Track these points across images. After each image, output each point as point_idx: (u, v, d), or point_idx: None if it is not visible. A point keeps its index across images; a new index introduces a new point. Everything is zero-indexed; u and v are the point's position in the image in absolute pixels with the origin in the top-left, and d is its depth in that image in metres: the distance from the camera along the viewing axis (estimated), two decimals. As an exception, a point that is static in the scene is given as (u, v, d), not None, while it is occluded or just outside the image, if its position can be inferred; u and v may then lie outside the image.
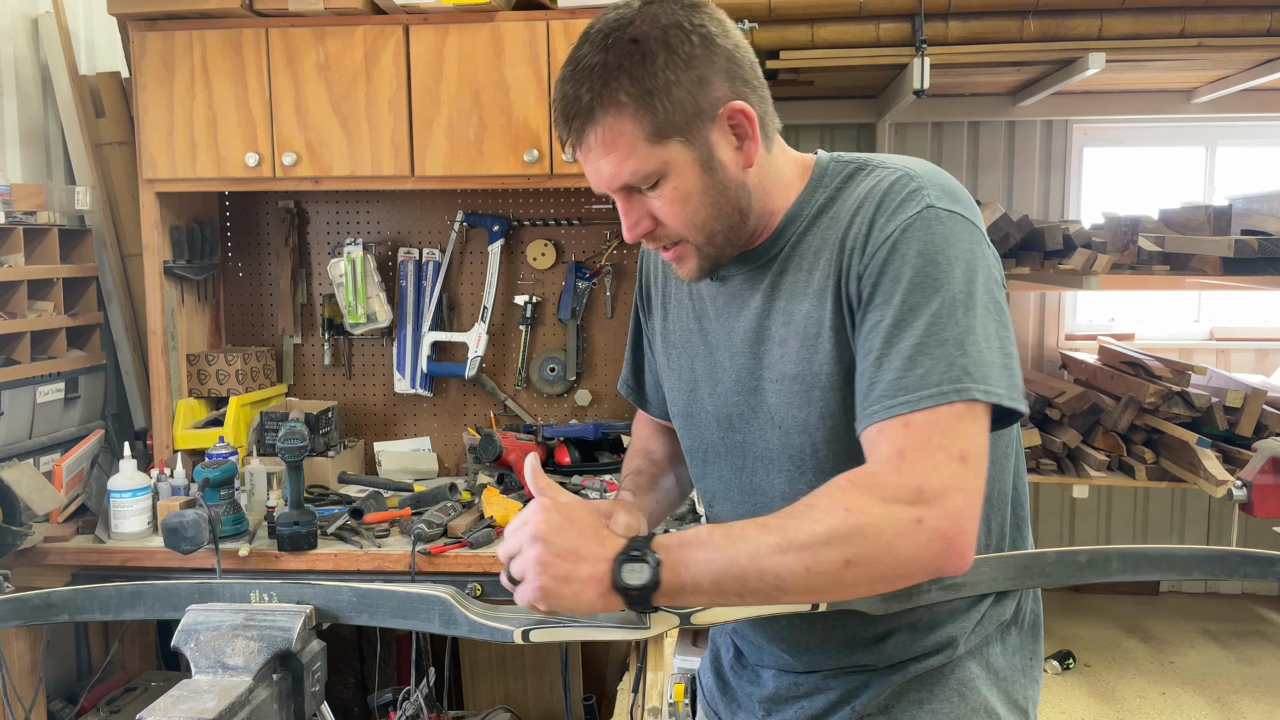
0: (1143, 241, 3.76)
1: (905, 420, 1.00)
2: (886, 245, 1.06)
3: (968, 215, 1.09)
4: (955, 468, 0.98)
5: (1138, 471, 3.62)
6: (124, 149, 2.87)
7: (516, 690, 3.08)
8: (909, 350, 1.02)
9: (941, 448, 0.98)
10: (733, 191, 1.13)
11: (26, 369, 2.51)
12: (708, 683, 1.44)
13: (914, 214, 1.06)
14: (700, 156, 1.10)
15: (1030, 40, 3.47)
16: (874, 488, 0.99)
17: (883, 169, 1.14)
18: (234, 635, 1.13)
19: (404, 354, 3.01)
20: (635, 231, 1.15)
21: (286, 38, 2.55)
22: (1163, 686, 3.78)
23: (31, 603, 1.26)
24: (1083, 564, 1.14)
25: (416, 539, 2.31)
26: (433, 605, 1.15)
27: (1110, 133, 4.73)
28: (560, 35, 2.50)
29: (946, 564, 0.98)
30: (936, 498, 0.97)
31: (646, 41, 1.06)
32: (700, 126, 1.09)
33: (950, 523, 0.97)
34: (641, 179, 1.10)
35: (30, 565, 2.37)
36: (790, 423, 1.16)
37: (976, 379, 1.00)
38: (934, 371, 1.00)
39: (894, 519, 0.97)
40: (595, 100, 1.06)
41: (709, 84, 1.08)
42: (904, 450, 0.99)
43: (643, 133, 1.07)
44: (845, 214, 1.13)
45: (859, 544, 0.97)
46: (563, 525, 1.05)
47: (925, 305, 1.03)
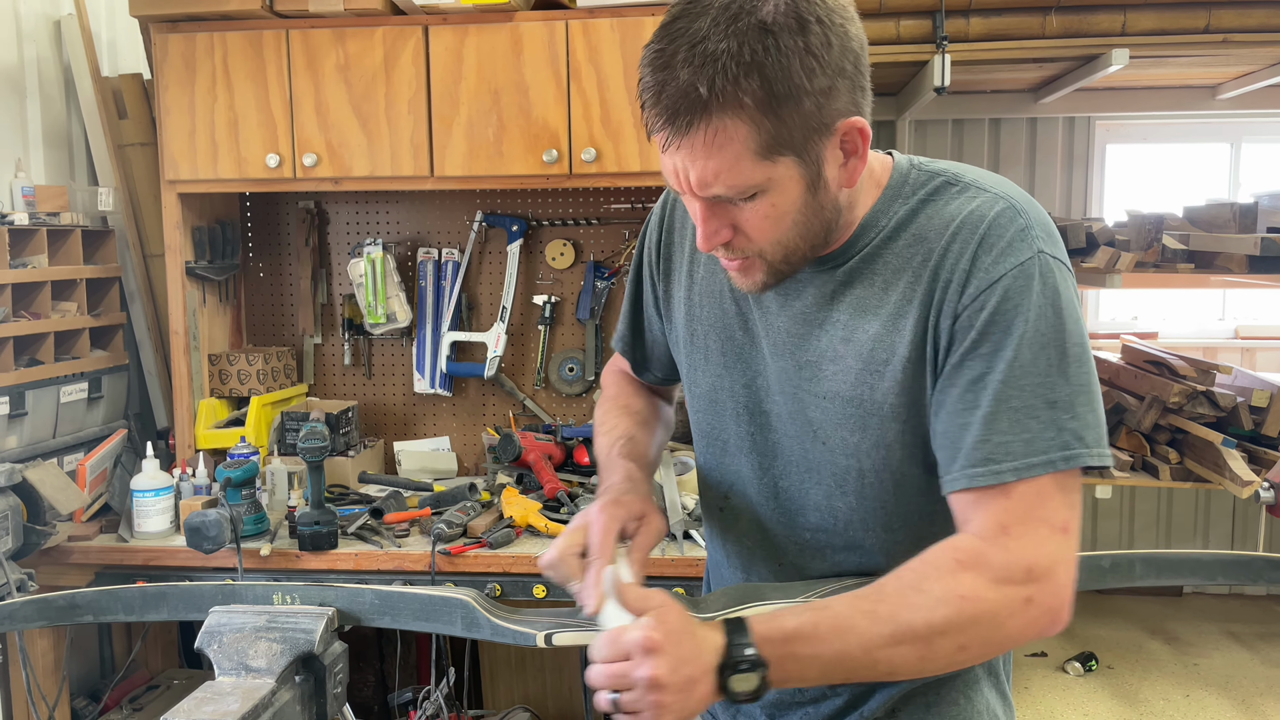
0: (1167, 239, 3.73)
1: (1008, 490, 0.97)
2: (996, 291, 0.99)
3: (1067, 263, 1.04)
4: (1059, 541, 0.97)
5: (1161, 472, 3.59)
6: (146, 150, 2.89)
7: (535, 690, 3.08)
8: (1019, 412, 0.97)
9: (1045, 521, 0.97)
10: (828, 212, 1.04)
11: (50, 369, 2.53)
12: None
13: (1025, 260, 1.00)
14: (808, 175, 0.99)
15: (1052, 36, 3.44)
16: (984, 568, 0.96)
17: (979, 192, 1.06)
18: (257, 637, 1.14)
19: (423, 354, 3.01)
20: (713, 241, 1.04)
21: (307, 39, 2.56)
22: (1186, 689, 3.75)
23: (57, 603, 1.26)
24: (1105, 569, 1.13)
25: (436, 539, 2.32)
26: (455, 608, 1.15)
27: (1133, 129, 4.68)
28: (579, 35, 2.50)
29: (1050, 632, 0.99)
30: (1045, 575, 0.96)
31: (781, 33, 0.92)
32: (817, 143, 0.98)
33: (1057, 598, 0.97)
34: (738, 192, 0.98)
35: (54, 564, 2.39)
36: (837, 442, 1.11)
37: (1089, 443, 0.98)
38: (1041, 437, 0.97)
39: (1007, 602, 0.96)
40: (715, 95, 0.92)
41: (835, 94, 0.97)
42: (1008, 525, 0.97)
43: (755, 144, 0.95)
44: (936, 237, 1.04)
45: (974, 631, 0.96)
46: (675, 660, 0.93)
47: (1036, 362, 0.98)
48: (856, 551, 1.17)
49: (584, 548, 1.10)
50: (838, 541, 1.17)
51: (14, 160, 2.69)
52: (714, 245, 1.04)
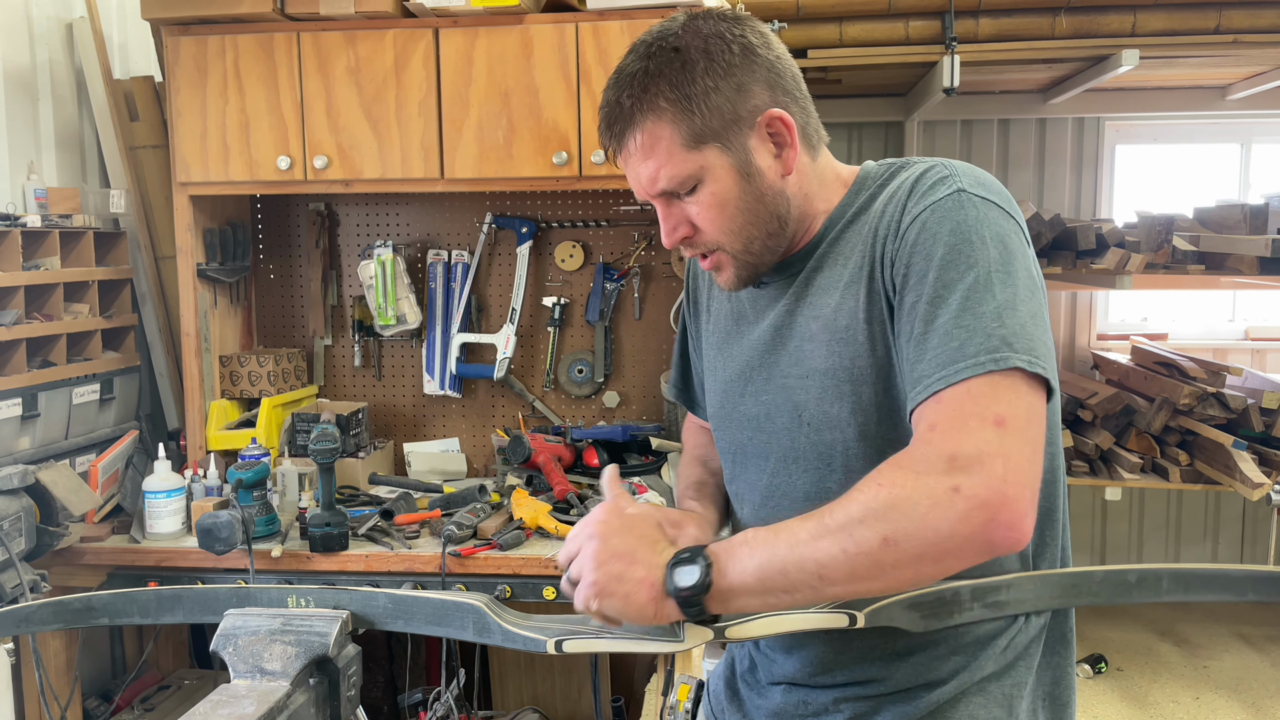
0: (1177, 240, 3.72)
1: (939, 397, 0.98)
2: (916, 225, 1.06)
3: (1002, 204, 1.07)
4: (990, 432, 0.93)
5: (1171, 474, 3.58)
6: (158, 152, 2.90)
7: (545, 691, 3.09)
8: (946, 325, 1.00)
9: (974, 414, 0.95)
10: (770, 199, 1.14)
11: (62, 370, 2.54)
12: (716, 689, 1.42)
13: (945, 195, 1.06)
14: (738, 163, 1.11)
15: (1062, 37, 3.44)
16: (907, 463, 0.97)
17: (919, 163, 1.15)
18: (272, 640, 1.14)
19: (433, 355, 3.02)
20: (673, 237, 1.16)
21: (318, 41, 2.57)
22: (1196, 691, 3.74)
23: (72, 606, 1.27)
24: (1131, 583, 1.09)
25: (447, 541, 2.32)
26: (467, 613, 1.15)
27: (1143, 130, 4.67)
28: (589, 37, 2.50)
29: (995, 535, 0.92)
30: (972, 464, 0.92)
31: (688, 50, 1.09)
32: (738, 133, 1.11)
33: (991, 490, 0.91)
34: (679, 184, 1.11)
35: (67, 565, 2.40)
36: (820, 419, 1.15)
37: (1019, 349, 0.97)
38: (970, 343, 0.98)
39: (927, 489, 0.93)
40: (635, 105, 1.09)
41: (748, 92, 1.10)
42: (935, 423, 0.97)
43: (680, 138, 1.09)
44: (880, 206, 1.13)
45: (893, 519, 0.93)
46: (622, 529, 1.08)
47: (959, 280, 1.01)
48: None
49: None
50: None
51: (26, 162, 2.70)
52: (675, 241, 1.16)
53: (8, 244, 2.41)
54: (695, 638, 1.09)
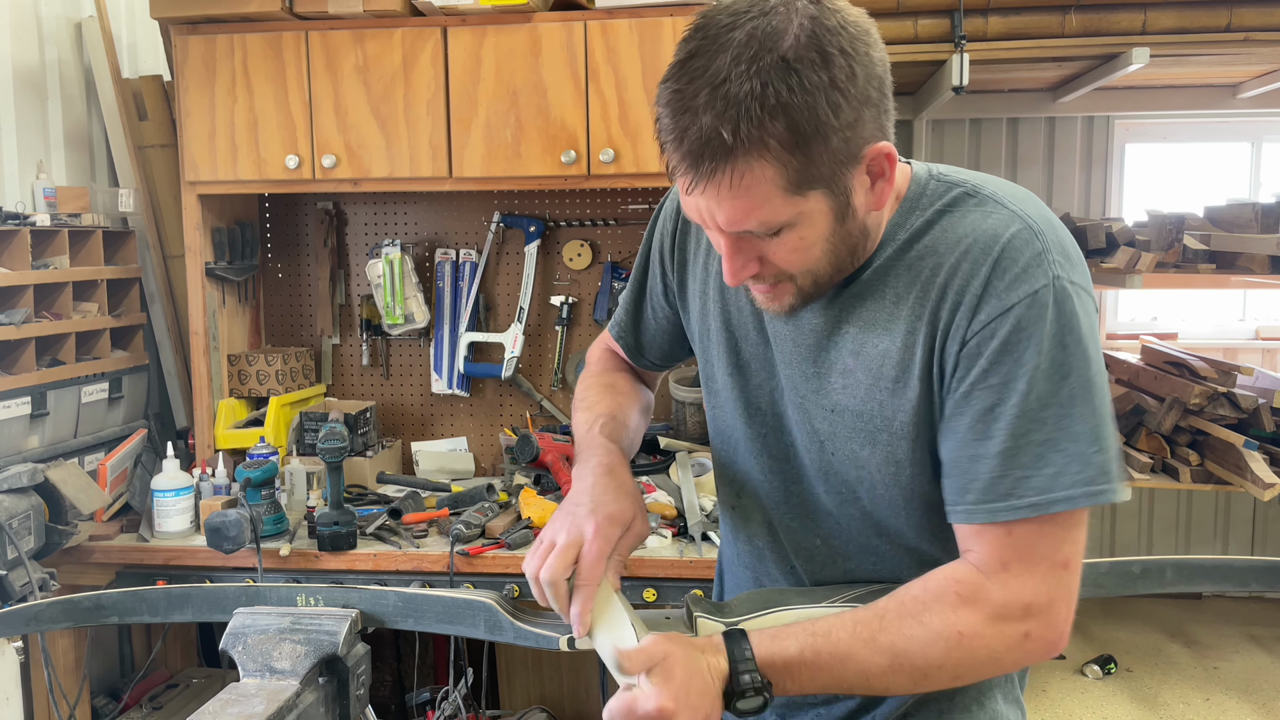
0: (1188, 239, 3.70)
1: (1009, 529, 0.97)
2: (1008, 320, 0.96)
3: (1085, 285, 1.00)
4: (1059, 576, 0.98)
5: (1182, 474, 3.56)
6: (166, 151, 2.90)
7: (552, 691, 3.09)
8: (1039, 446, 0.95)
9: (1046, 557, 0.97)
10: (854, 238, 1.02)
11: (71, 369, 2.54)
12: None
13: (1040, 287, 0.96)
14: (837, 205, 0.97)
15: (1072, 35, 3.42)
16: (984, 604, 0.98)
17: (997, 207, 1.02)
18: (281, 639, 1.14)
19: (441, 354, 3.02)
20: (741, 276, 1.02)
21: (326, 40, 2.57)
22: (1206, 692, 3.72)
23: (82, 604, 1.27)
24: (1136, 574, 1.11)
25: (455, 540, 2.32)
26: (478, 611, 1.15)
27: (1153, 129, 4.65)
28: (598, 36, 2.50)
29: (1044, 659, 1.01)
30: (1043, 611, 0.98)
31: (805, 69, 0.89)
32: (845, 173, 0.96)
33: (1054, 631, 0.99)
34: (767, 229, 0.97)
35: (75, 563, 2.40)
36: (846, 455, 1.11)
37: (1113, 476, 0.96)
38: (1067, 471, 0.95)
39: (1004, 639, 0.98)
40: (740, 140, 0.89)
41: (861, 124, 0.94)
42: (1009, 562, 0.98)
43: (784, 182, 0.93)
44: (947, 252, 1.01)
45: (969, 665, 0.99)
46: (690, 712, 0.97)
47: (1054, 394, 0.95)
48: (869, 559, 1.16)
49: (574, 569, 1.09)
50: (850, 549, 1.17)
51: (35, 162, 2.71)
52: (742, 280, 1.03)
53: (17, 243, 2.41)
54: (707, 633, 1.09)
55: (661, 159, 0.98)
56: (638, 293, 1.35)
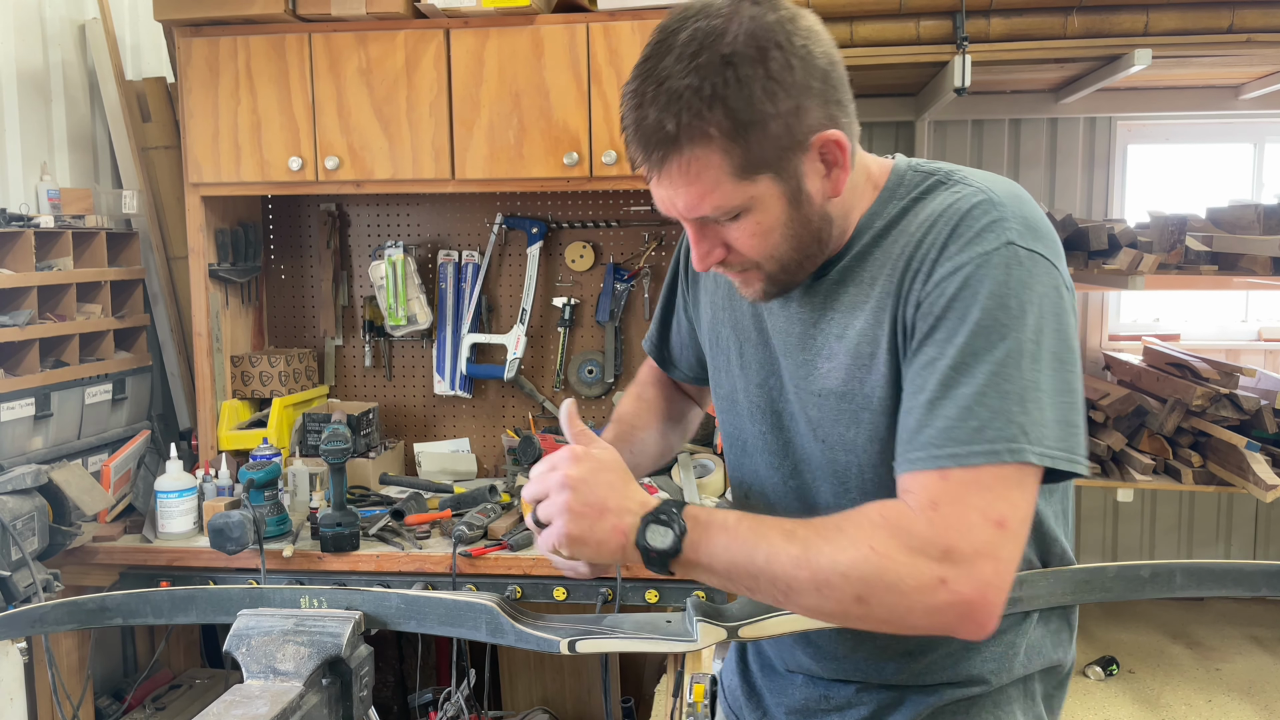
0: (1190, 241, 3.70)
1: (945, 474, 0.95)
2: (957, 278, 0.99)
3: (1049, 256, 1.01)
4: (991, 533, 0.93)
5: (1184, 475, 3.56)
6: (170, 153, 2.91)
7: (554, 692, 3.09)
8: (967, 399, 0.95)
9: (979, 509, 0.93)
10: (815, 223, 1.06)
11: (75, 370, 2.55)
12: (731, 684, 1.41)
13: (992, 249, 0.99)
14: (789, 190, 1.03)
15: (1074, 36, 3.42)
16: (903, 533, 0.94)
17: (963, 186, 1.06)
18: (285, 640, 1.14)
19: (443, 356, 3.02)
20: (707, 261, 1.08)
21: (329, 42, 2.57)
22: (1209, 694, 3.72)
23: (86, 606, 1.27)
24: (1145, 579, 1.09)
25: (457, 541, 2.32)
26: (480, 614, 1.15)
27: (1155, 130, 4.65)
28: (600, 37, 2.50)
29: (962, 630, 0.95)
30: (965, 561, 0.92)
31: (742, 63, 0.96)
32: (792, 159, 1.01)
33: (975, 591, 0.92)
34: (724, 213, 1.03)
35: (79, 564, 2.41)
36: (835, 439, 1.12)
37: (1033, 440, 0.94)
38: (990, 426, 0.94)
39: (915, 572, 0.93)
40: (684, 131, 0.97)
41: (804, 112, 1.00)
42: (938, 502, 0.94)
43: (731, 168, 0.99)
44: (916, 231, 1.06)
45: (873, 586, 0.94)
46: (592, 475, 1.04)
47: (989, 352, 0.96)
48: None
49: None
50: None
51: (39, 163, 2.71)
52: (709, 265, 1.09)
53: (21, 244, 2.42)
54: (708, 637, 1.09)
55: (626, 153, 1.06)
56: (666, 307, 1.44)
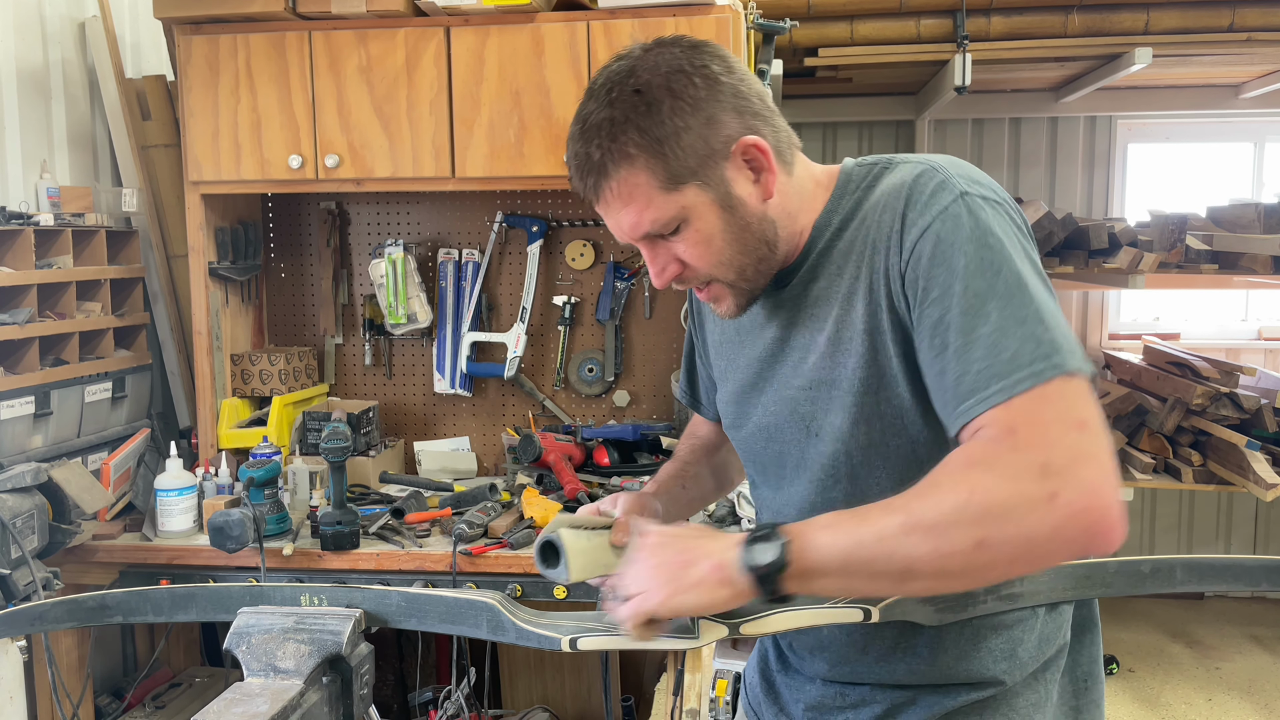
0: (1190, 240, 3.70)
1: (1004, 407, 0.94)
2: (929, 239, 1.03)
3: (999, 198, 1.07)
4: (1077, 435, 0.91)
5: (1184, 474, 3.56)
6: (170, 151, 2.91)
7: (554, 690, 3.09)
8: (991, 336, 0.97)
9: (1055, 420, 0.92)
10: (756, 226, 1.13)
11: (75, 369, 2.55)
12: (752, 682, 1.43)
13: (949, 203, 1.04)
14: (718, 197, 1.10)
15: (1074, 35, 3.43)
16: (994, 465, 0.92)
17: (904, 165, 1.12)
18: (285, 638, 1.14)
19: (443, 354, 3.02)
20: (664, 277, 1.15)
21: (329, 40, 2.57)
22: (1209, 693, 3.72)
23: (87, 604, 1.27)
24: (1145, 574, 1.10)
25: (457, 539, 2.32)
26: (481, 611, 1.15)
27: (1156, 129, 4.65)
28: (600, 36, 2.50)
29: (1094, 544, 0.91)
30: (1065, 471, 0.90)
31: (650, 90, 1.07)
32: (714, 167, 1.09)
33: (1087, 496, 0.89)
34: (662, 226, 1.10)
35: (79, 562, 2.41)
36: (826, 429, 1.15)
37: (1065, 351, 0.95)
38: (1023, 352, 0.95)
39: (1025, 498, 0.90)
40: (606, 155, 1.07)
41: (718, 123, 1.08)
42: (1015, 427, 0.93)
43: (657, 181, 1.08)
44: (872, 213, 1.11)
45: (989, 524, 0.91)
46: (669, 536, 1.06)
47: (991, 289, 0.98)
48: None
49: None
50: None
51: (39, 161, 2.71)
52: (667, 280, 1.15)
53: (20, 243, 2.42)
54: (710, 634, 1.09)
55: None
56: (689, 353, 1.51)
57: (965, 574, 0.94)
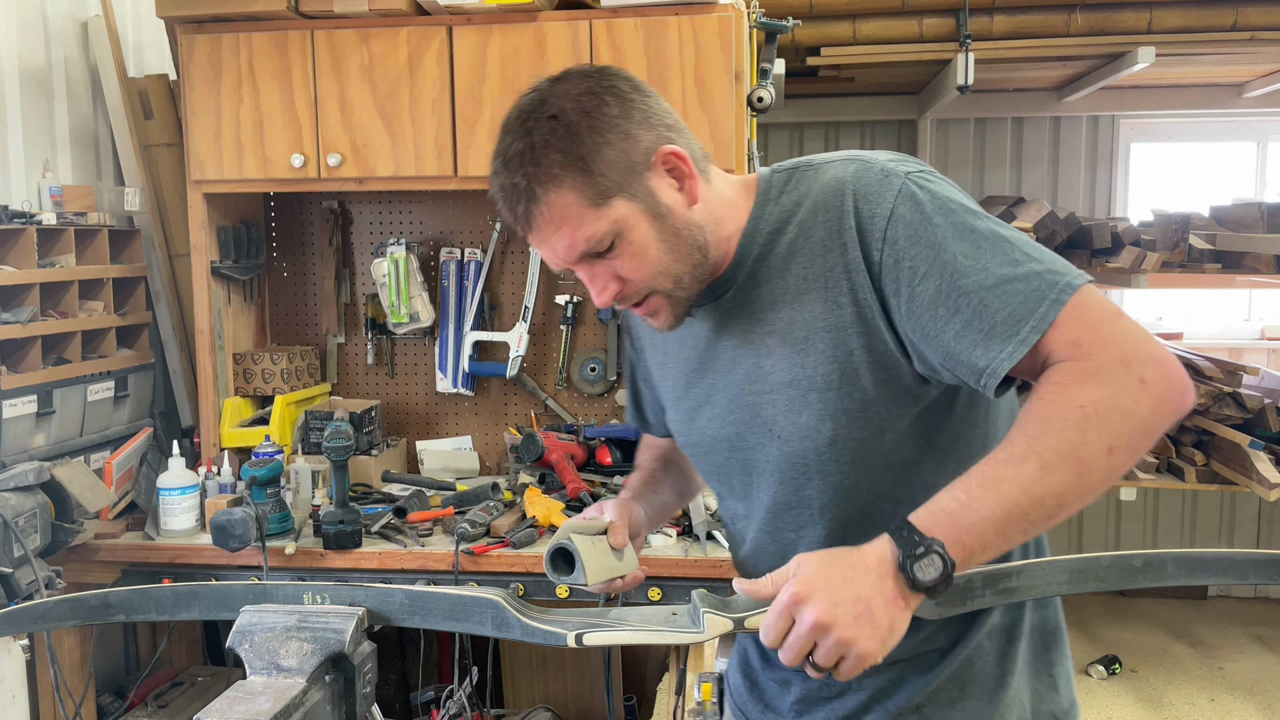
0: (1194, 239, 3.70)
1: (1049, 336, 0.99)
2: (896, 224, 1.07)
3: (935, 173, 1.13)
4: (1127, 325, 1.00)
5: (1187, 474, 3.56)
6: (172, 150, 2.91)
7: (557, 690, 3.09)
8: (995, 285, 1.02)
9: (1100, 322, 0.99)
10: (686, 232, 1.15)
11: (77, 368, 2.55)
12: (735, 682, 1.44)
13: (899, 187, 1.09)
14: (647, 206, 1.12)
15: (1077, 34, 3.42)
16: (1085, 376, 0.97)
17: (828, 164, 1.17)
18: (288, 637, 1.13)
19: (446, 353, 3.02)
20: (605, 296, 1.16)
21: (331, 39, 2.57)
22: (1211, 693, 3.72)
23: (89, 603, 1.27)
24: (1138, 567, 1.11)
25: (460, 538, 2.32)
26: (485, 608, 1.14)
27: (1158, 128, 4.65)
28: (603, 35, 2.50)
29: (1184, 401, 0.99)
30: (1137, 356, 0.97)
31: (565, 115, 1.09)
32: (639, 179, 1.12)
33: (1164, 369, 0.97)
34: (596, 244, 1.12)
35: (81, 561, 2.41)
36: (790, 430, 1.17)
37: (1061, 270, 1.02)
38: (1036, 287, 1.00)
39: (1124, 391, 0.96)
40: (533, 181, 1.09)
41: (634, 137, 1.12)
42: (1077, 340, 0.98)
43: (586, 199, 1.09)
44: (811, 215, 1.14)
45: (1109, 428, 0.96)
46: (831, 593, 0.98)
47: (975, 245, 1.04)
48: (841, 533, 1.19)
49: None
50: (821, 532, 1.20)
51: (42, 161, 2.71)
52: (609, 299, 1.16)
53: (23, 242, 2.42)
54: (715, 629, 1.09)
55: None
56: (631, 378, 1.51)
57: (1106, 481, 0.98)
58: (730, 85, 2.45)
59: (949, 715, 1.20)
